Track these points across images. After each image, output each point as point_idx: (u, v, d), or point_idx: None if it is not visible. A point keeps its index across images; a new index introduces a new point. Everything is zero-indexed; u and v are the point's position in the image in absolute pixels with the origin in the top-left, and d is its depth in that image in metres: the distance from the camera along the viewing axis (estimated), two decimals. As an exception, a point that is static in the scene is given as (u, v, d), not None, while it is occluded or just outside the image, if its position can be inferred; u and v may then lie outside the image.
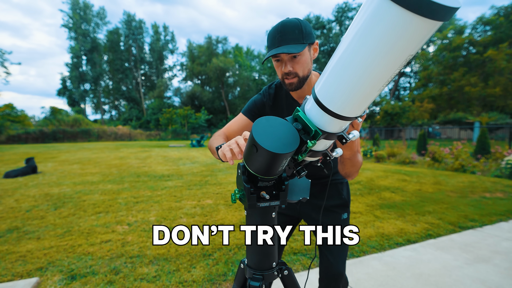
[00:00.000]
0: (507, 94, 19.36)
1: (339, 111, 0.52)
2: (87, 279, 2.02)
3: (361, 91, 0.47)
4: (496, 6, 21.84)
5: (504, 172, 6.36)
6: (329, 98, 0.52)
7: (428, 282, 2.02)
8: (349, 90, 0.48)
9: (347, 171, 0.96)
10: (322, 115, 0.55)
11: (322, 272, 1.22)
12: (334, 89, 0.51)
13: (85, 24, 42.30)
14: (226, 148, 0.73)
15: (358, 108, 0.52)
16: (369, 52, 0.41)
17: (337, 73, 0.49)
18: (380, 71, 0.43)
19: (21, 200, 4.20)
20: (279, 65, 1.03)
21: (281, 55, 0.99)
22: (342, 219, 1.23)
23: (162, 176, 6.27)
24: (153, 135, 33.16)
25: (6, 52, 29.07)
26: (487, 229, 3.09)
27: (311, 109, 0.58)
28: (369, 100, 0.50)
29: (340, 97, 0.50)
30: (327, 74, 0.52)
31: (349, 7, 36.36)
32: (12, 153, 13.22)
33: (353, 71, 0.45)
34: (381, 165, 8.68)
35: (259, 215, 0.69)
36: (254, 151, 0.57)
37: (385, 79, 0.44)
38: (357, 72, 0.45)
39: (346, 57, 0.46)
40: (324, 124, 0.56)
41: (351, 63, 0.45)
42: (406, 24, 0.35)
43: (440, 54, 23.61)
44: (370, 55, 0.41)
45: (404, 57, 0.40)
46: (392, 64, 0.41)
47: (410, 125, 25.59)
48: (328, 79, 0.52)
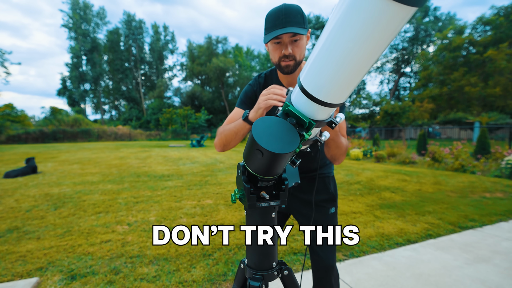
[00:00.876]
0: (507, 94, 19.35)
1: (326, 99, 0.53)
2: (87, 279, 2.02)
3: (345, 77, 0.49)
4: (496, 6, 21.82)
5: (504, 172, 6.36)
6: (315, 87, 0.53)
7: (428, 282, 2.02)
8: (334, 78, 0.49)
9: (332, 153, 0.98)
10: (310, 104, 0.56)
11: (314, 267, 1.24)
12: (319, 77, 0.51)
13: (85, 24, 42.29)
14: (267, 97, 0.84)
15: (344, 94, 0.53)
16: (349, 39, 0.42)
17: (321, 61, 0.50)
18: (362, 57, 0.44)
19: (21, 200, 4.20)
20: (278, 48, 1.03)
21: (283, 37, 1.00)
22: (330, 213, 1.24)
23: (162, 176, 6.27)
24: (153, 135, 33.15)
25: (6, 52, 29.07)
26: (487, 229, 3.09)
27: (298, 100, 0.59)
28: (353, 85, 0.51)
29: (325, 85, 0.51)
30: (311, 63, 0.53)
31: (349, 7, 36.32)
32: (12, 153, 13.22)
33: (336, 58, 0.46)
34: (381, 165, 8.68)
35: (259, 215, 0.69)
36: (259, 156, 0.57)
37: (368, 64, 0.46)
38: (340, 60, 0.46)
39: (328, 45, 0.47)
40: (314, 113, 0.58)
41: (334, 51, 0.46)
42: (383, 10, 0.37)
43: (440, 54, 23.60)
44: (350, 42, 0.43)
45: (384, 42, 0.42)
46: (373, 49, 0.43)
47: (410, 125, 25.59)
48: (313, 68, 0.52)
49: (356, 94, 40.36)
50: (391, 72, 40.94)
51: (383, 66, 40.66)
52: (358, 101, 36.21)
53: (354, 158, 10.36)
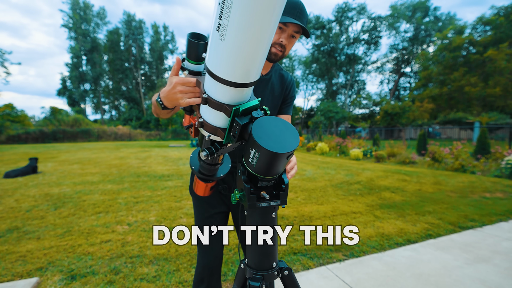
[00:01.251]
0: (507, 94, 19.35)
1: (250, 79, 0.56)
2: (87, 279, 2.02)
3: (248, 54, 0.50)
4: (496, 6, 21.83)
5: (504, 172, 6.36)
6: (241, 74, 0.54)
7: (428, 282, 2.02)
8: (243, 59, 0.51)
9: None
10: (241, 91, 0.58)
11: None
12: (233, 64, 0.52)
13: (85, 24, 42.23)
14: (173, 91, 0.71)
15: (252, 72, 0.55)
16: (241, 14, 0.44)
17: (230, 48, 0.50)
18: (267, 24, 0.46)
19: (21, 200, 4.20)
20: (278, 32, 1.05)
21: (289, 26, 1.03)
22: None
23: (162, 176, 6.27)
24: (153, 135, 33.14)
25: (6, 52, 29.03)
26: (487, 229, 3.09)
27: (226, 95, 0.59)
28: (258, 61, 0.53)
29: (249, 66, 0.53)
30: (224, 56, 0.52)
31: (349, 7, 36.30)
32: (12, 153, 13.22)
33: (236, 38, 0.48)
34: (381, 165, 8.68)
35: (259, 215, 0.69)
36: (267, 161, 0.58)
37: (268, 34, 0.48)
38: (237, 41, 0.47)
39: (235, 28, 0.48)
40: (247, 96, 0.62)
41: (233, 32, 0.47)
42: None
43: (440, 54, 23.60)
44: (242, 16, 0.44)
45: (266, 13, 0.44)
46: (261, 20, 0.45)
47: (410, 125, 25.59)
48: (222, 58, 0.52)
49: (356, 94, 40.39)
50: (391, 72, 40.94)
51: (383, 66, 40.68)
52: (358, 101, 36.24)
53: (354, 158, 10.36)
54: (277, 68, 1.24)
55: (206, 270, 1.21)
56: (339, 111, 28.59)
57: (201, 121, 0.67)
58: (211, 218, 1.23)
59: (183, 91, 0.69)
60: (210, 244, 1.22)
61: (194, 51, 0.69)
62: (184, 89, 0.69)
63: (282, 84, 1.25)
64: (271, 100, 1.21)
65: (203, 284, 1.22)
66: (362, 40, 38.07)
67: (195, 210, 1.27)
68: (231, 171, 1.24)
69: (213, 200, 1.22)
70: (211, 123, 0.66)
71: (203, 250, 1.23)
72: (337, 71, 40.27)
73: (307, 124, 39.35)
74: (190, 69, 0.72)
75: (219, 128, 0.66)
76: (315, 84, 44.98)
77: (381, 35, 37.51)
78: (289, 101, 1.28)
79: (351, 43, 38.11)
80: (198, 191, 0.97)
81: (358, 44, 38.30)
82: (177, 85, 0.70)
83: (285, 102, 1.27)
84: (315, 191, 4.84)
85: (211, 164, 0.85)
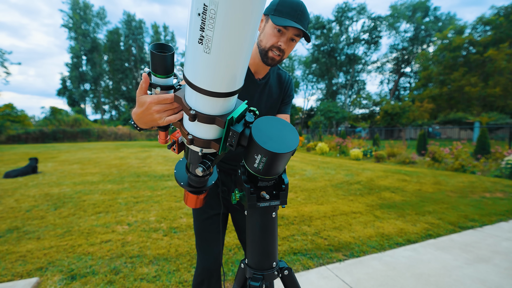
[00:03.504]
0: (507, 94, 19.36)
1: (236, 87, 0.54)
2: (87, 279, 2.02)
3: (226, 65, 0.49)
4: (496, 6, 21.84)
5: (504, 172, 6.36)
6: (227, 83, 0.52)
7: (428, 282, 2.02)
8: (223, 69, 0.49)
9: None
10: (229, 100, 0.57)
11: None
12: (214, 76, 0.50)
13: (85, 24, 42.24)
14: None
15: (243, 76, 0.54)
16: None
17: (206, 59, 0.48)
18: (250, 30, 0.45)
19: (21, 200, 4.20)
20: (277, 35, 0.99)
21: (289, 30, 0.97)
22: None
23: (162, 176, 6.27)
24: (153, 135, 33.12)
25: (6, 52, 29.03)
26: (487, 229, 3.09)
27: (216, 106, 0.57)
28: (246, 67, 0.52)
29: (235, 73, 0.52)
30: (199, 65, 0.50)
31: (349, 7, 36.31)
32: (12, 153, 13.22)
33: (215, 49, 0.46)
34: (381, 165, 8.68)
35: (259, 215, 0.69)
36: (273, 162, 0.57)
37: (250, 41, 0.47)
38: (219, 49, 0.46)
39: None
40: (234, 104, 0.60)
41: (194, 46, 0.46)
42: None
43: (440, 54, 23.62)
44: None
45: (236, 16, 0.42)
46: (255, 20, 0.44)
47: (410, 125, 25.59)
48: (205, 71, 0.50)
49: (356, 94, 40.39)
50: (391, 72, 40.95)
51: (383, 66, 40.69)
52: (358, 101, 36.23)
53: (354, 158, 10.36)
54: (274, 68, 1.23)
55: (206, 272, 1.21)
56: (339, 111, 28.60)
57: (191, 138, 0.62)
58: (211, 220, 1.22)
59: (160, 110, 0.64)
60: (209, 246, 1.21)
61: (161, 64, 0.62)
62: (161, 108, 0.64)
63: (280, 84, 1.23)
64: (269, 103, 1.20)
65: (202, 286, 1.21)
66: (362, 40, 38.07)
67: (194, 212, 1.26)
68: (229, 173, 1.24)
69: (212, 202, 1.22)
70: (202, 137, 0.62)
71: (203, 252, 1.22)
72: (337, 71, 40.27)
73: (307, 124, 39.33)
74: (161, 84, 0.66)
75: (212, 141, 0.62)
76: (315, 84, 44.98)
77: (381, 35, 37.51)
78: (287, 100, 1.27)
79: (351, 43, 38.11)
80: (189, 203, 0.91)
81: (358, 44, 38.30)
82: (151, 105, 0.64)
83: (283, 101, 1.26)
84: (315, 191, 4.84)
85: (203, 176, 0.79)
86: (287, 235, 2.86)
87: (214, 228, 1.22)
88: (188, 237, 2.75)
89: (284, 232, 2.94)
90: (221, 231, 1.07)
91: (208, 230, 1.22)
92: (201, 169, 0.66)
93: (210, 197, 1.21)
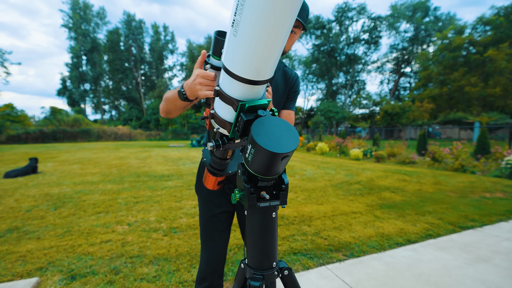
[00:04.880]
0: (507, 94, 19.35)
1: (260, 77, 0.57)
2: (87, 279, 2.02)
3: (263, 51, 0.51)
4: (496, 6, 21.84)
5: (504, 172, 6.36)
6: (251, 71, 0.55)
7: (428, 282, 2.02)
8: (257, 55, 0.52)
9: None
10: (252, 88, 0.59)
11: None
12: (248, 59, 0.53)
13: (85, 24, 42.23)
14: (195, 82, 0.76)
15: (271, 69, 0.57)
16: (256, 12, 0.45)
17: (245, 42, 0.51)
18: (277, 24, 0.47)
19: (21, 200, 4.20)
20: None
21: None
22: None
23: (162, 176, 6.27)
24: (153, 135, 33.14)
25: (6, 52, 29.01)
26: (487, 229, 3.09)
27: (237, 90, 0.60)
28: (273, 58, 0.54)
29: (259, 64, 0.54)
30: (241, 50, 0.53)
31: (349, 7, 36.31)
32: (12, 153, 13.22)
33: (253, 33, 0.48)
34: (381, 165, 8.68)
35: (259, 215, 0.69)
36: (275, 162, 0.58)
37: (284, 30, 0.49)
38: (256, 34, 0.48)
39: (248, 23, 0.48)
40: (257, 94, 0.62)
41: (251, 27, 0.48)
42: None
43: (440, 54, 23.61)
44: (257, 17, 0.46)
45: (284, 14, 0.45)
46: (278, 20, 0.46)
47: (410, 125, 25.60)
48: (240, 52, 0.53)
49: (356, 94, 40.38)
50: (391, 72, 40.95)
51: (383, 66, 40.69)
52: (358, 101, 36.22)
53: (354, 158, 10.36)
54: (280, 66, 1.25)
55: (209, 268, 1.23)
56: (339, 111, 28.59)
57: (212, 113, 0.70)
58: (216, 217, 1.24)
59: (202, 83, 0.75)
60: (214, 243, 1.23)
61: (217, 47, 0.73)
62: (203, 81, 0.75)
63: (286, 80, 1.25)
64: (274, 99, 1.21)
65: (206, 282, 1.23)
66: (362, 40, 38.07)
67: (200, 209, 1.28)
68: None
69: (219, 199, 1.23)
70: (220, 115, 0.68)
71: (207, 248, 1.24)
72: (337, 71, 40.27)
73: (307, 124, 39.33)
74: (212, 63, 0.77)
75: (227, 122, 0.68)
76: (315, 84, 44.98)
77: (381, 35, 37.51)
78: (292, 96, 1.28)
79: (351, 43, 38.11)
80: (208, 184, 1.00)
81: (358, 44, 38.30)
82: (198, 77, 0.75)
83: (288, 97, 1.28)
84: (315, 191, 4.84)
85: (220, 158, 0.86)
86: (287, 235, 2.86)
87: (220, 225, 1.24)
88: (188, 237, 2.75)
89: (284, 232, 2.94)
90: (226, 229, 1.07)
91: (214, 227, 1.24)
92: (211, 144, 0.71)
93: (216, 195, 1.23)
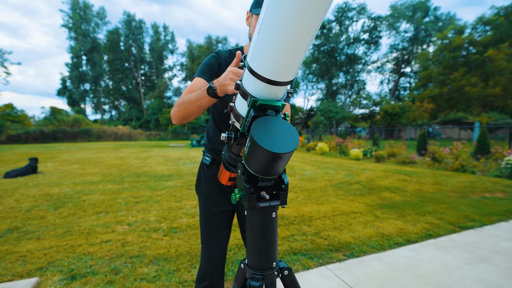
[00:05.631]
0: (507, 94, 19.36)
1: (279, 79, 0.57)
2: (87, 279, 2.02)
3: (288, 54, 0.51)
4: (496, 6, 21.85)
5: (504, 172, 6.36)
6: (267, 70, 0.55)
7: (428, 282, 2.02)
8: (281, 57, 0.52)
9: None
10: (268, 87, 0.59)
11: None
12: (271, 59, 0.53)
13: (85, 24, 42.23)
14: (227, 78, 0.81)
15: (290, 72, 0.56)
16: (285, 13, 0.45)
17: (269, 43, 0.51)
18: (300, 29, 0.46)
19: (21, 200, 4.20)
20: None
21: None
22: None
23: (162, 176, 6.27)
24: (153, 135, 33.15)
25: (6, 52, 29.02)
26: (487, 229, 3.09)
27: (253, 86, 0.61)
28: (297, 61, 0.54)
29: (275, 65, 0.54)
30: (261, 47, 0.53)
31: (349, 7, 36.32)
32: (12, 153, 13.22)
33: (279, 34, 0.48)
34: (381, 165, 8.68)
35: (259, 215, 0.69)
36: (276, 162, 0.58)
37: (308, 33, 0.48)
38: (283, 35, 0.48)
39: (268, 24, 0.49)
40: (274, 95, 0.62)
41: (275, 28, 0.48)
42: None
43: (440, 54, 23.62)
44: (286, 16, 0.45)
45: (315, 15, 0.44)
46: (308, 20, 0.45)
47: (410, 125, 25.59)
48: (262, 51, 0.53)
49: (356, 94, 40.37)
50: (391, 72, 40.93)
51: (383, 66, 40.68)
52: (358, 101, 36.22)
53: (354, 158, 10.36)
54: None
55: (210, 267, 1.23)
56: (339, 111, 28.59)
57: (232, 106, 0.72)
58: (216, 216, 1.24)
59: (232, 79, 0.81)
60: (214, 242, 1.23)
61: None
62: (234, 77, 0.80)
63: None
64: None
65: (206, 281, 1.23)
66: (362, 40, 38.07)
67: (201, 208, 1.28)
68: None
69: (219, 199, 1.24)
70: (237, 109, 0.71)
71: (207, 247, 1.24)
72: (337, 71, 40.26)
73: (307, 124, 39.32)
74: (245, 63, 0.79)
75: (241, 116, 0.69)
76: (315, 84, 44.96)
77: (381, 35, 37.51)
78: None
79: (351, 43, 38.11)
80: (222, 179, 1.01)
81: (358, 44, 38.30)
82: (230, 73, 0.81)
83: None
84: (315, 191, 4.84)
85: (237, 154, 0.87)
86: (287, 235, 2.86)
87: (220, 225, 1.24)
88: (188, 237, 2.75)
89: (284, 232, 2.94)
90: (226, 228, 1.07)
91: (214, 227, 1.24)
92: (224, 135, 0.72)
93: (217, 194, 1.23)
